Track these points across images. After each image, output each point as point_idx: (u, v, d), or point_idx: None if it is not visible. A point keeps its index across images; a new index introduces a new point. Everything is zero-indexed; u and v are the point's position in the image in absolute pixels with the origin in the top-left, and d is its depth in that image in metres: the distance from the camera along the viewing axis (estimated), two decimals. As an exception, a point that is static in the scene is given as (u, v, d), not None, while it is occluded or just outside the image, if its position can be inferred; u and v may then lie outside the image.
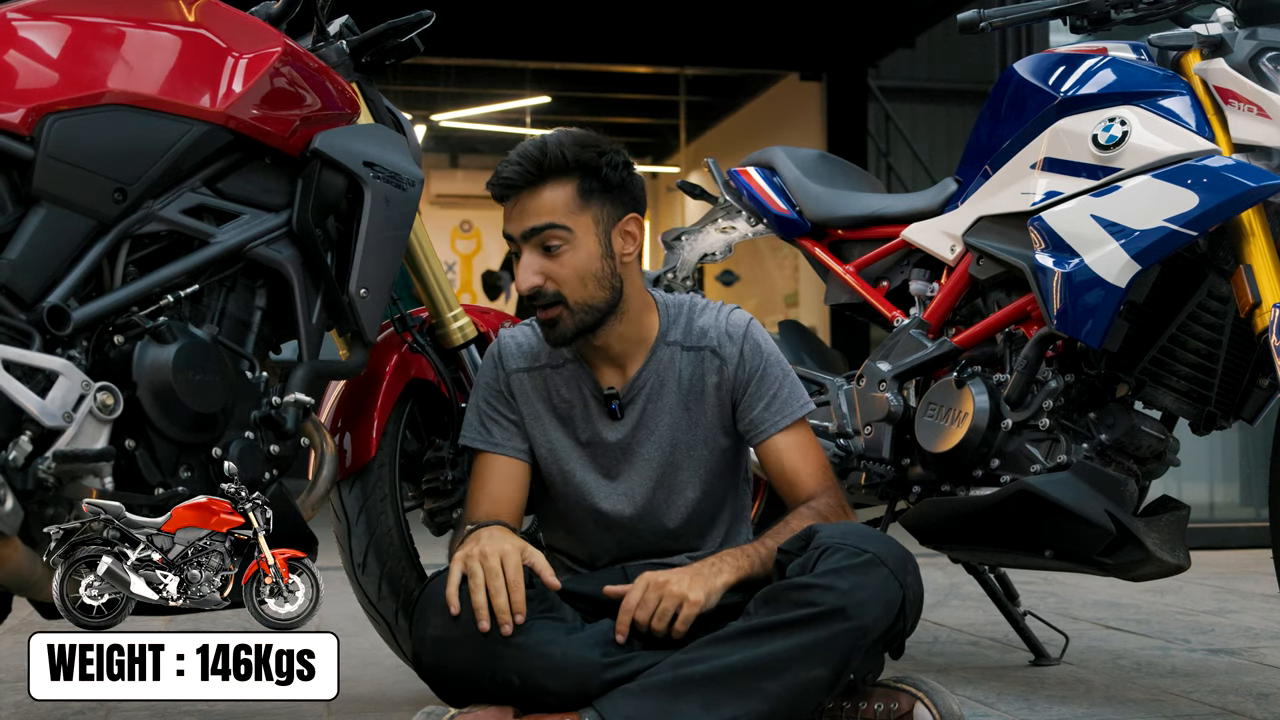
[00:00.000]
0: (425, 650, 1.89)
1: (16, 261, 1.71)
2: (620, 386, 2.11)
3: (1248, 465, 5.43)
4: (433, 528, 2.38)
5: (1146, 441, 2.31)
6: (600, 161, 2.03)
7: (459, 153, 13.95)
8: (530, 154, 2.02)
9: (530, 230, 2.02)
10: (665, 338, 2.12)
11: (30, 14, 1.82)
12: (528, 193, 2.02)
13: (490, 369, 2.17)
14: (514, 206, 2.04)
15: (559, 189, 2.02)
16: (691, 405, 2.11)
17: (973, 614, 3.39)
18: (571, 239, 2.02)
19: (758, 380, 2.10)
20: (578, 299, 2.03)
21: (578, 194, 2.03)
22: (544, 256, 2.02)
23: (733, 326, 2.12)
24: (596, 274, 2.04)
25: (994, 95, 2.56)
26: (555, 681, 1.83)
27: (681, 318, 2.14)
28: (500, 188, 2.04)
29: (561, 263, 2.02)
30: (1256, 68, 2.16)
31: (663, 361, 2.11)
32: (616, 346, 2.10)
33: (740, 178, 2.95)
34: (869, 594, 1.83)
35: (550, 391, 2.14)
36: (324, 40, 2.22)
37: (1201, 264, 2.27)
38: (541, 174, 2.02)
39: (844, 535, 1.89)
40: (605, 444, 2.12)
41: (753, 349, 2.11)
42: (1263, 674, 2.63)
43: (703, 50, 9.58)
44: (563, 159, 2.01)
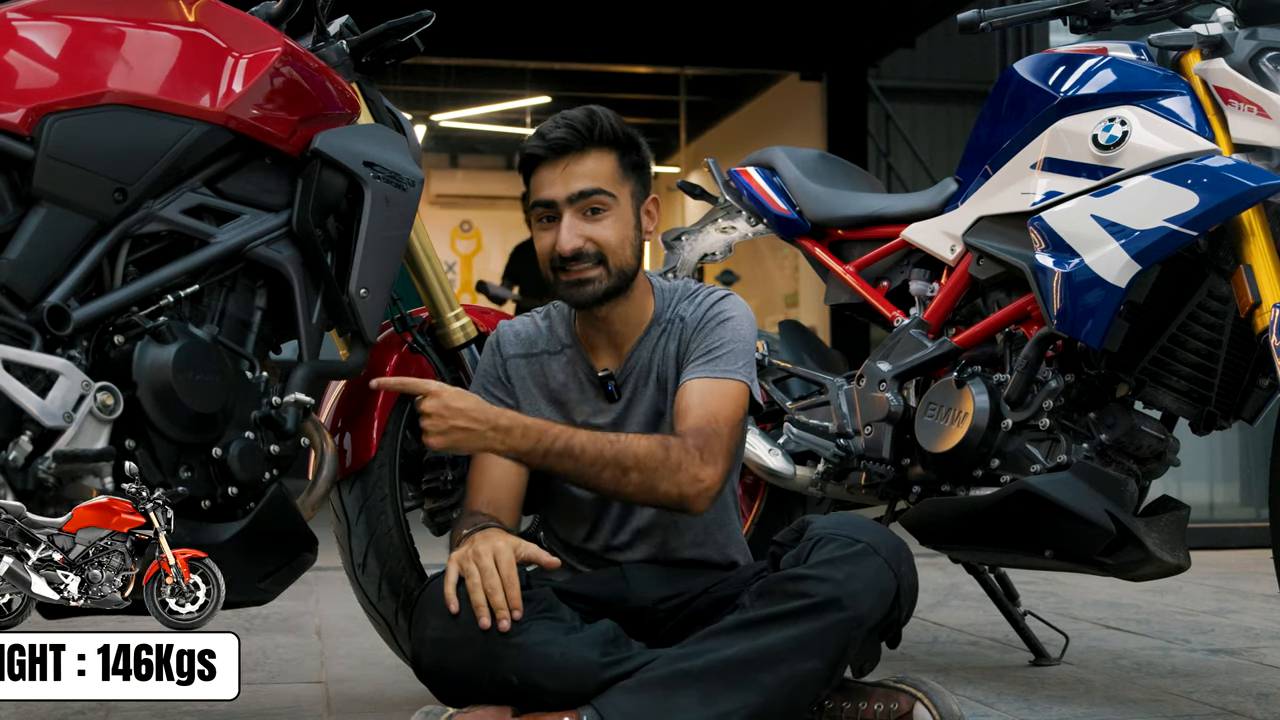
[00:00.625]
0: (424, 652, 1.89)
1: (16, 261, 1.72)
2: (615, 368, 2.13)
3: (1248, 465, 5.43)
4: (433, 528, 2.38)
5: (1146, 441, 2.31)
6: (639, 139, 2.10)
7: (459, 153, 13.95)
8: (581, 119, 2.06)
9: (579, 193, 2.05)
10: (658, 320, 2.15)
11: (30, 14, 1.82)
12: (575, 157, 2.05)
13: (488, 357, 2.20)
14: (557, 170, 2.05)
15: (604, 158, 2.07)
16: (670, 374, 2.12)
17: (973, 614, 3.39)
18: (614, 206, 2.06)
19: (703, 338, 2.09)
20: (616, 261, 2.06)
21: (619, 165, 2.08)
22: (586, 220, 2.05)
23: (709, 298, 2.14)
24: (632, 242, 2.09)
25: (994, 95, 2.56)
26: (554, 681, 1.83)
27: (674, 300, 2.16)
28: (548, 149, 2.06)
29: (604, 226, 2.05)
30: (1256, 68, 2.16)
31: (651, 342, 2.13)
32: (619, 326, 2.13)
33: (740, 178, 2.96)
34: (863, 584, 1.83)
35: (547, 377, 2.16)
36: (324, 40, 2.23)
37: (1201, 264, 2.27)
38: (590, 139, 2.06)
39: (838, 525, 1.89)
40: (599, 427, 2.12)
41: (711, 315, 2.11)
42: (1263, 674, 2.63)
43: (703, 50, 9.57)
44: (611, 130, 2.07)
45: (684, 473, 1.95)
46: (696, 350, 2.08)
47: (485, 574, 1.86)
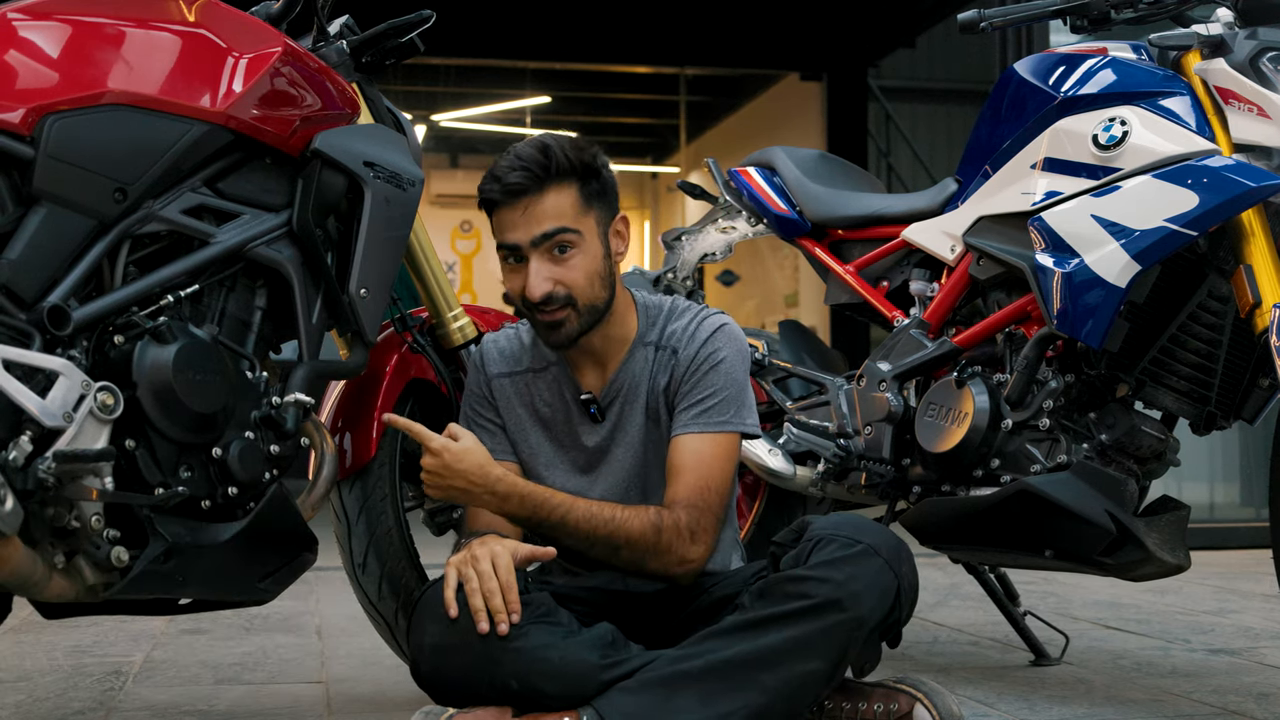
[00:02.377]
0: (423, 658, 1.89)
1: (17, 261, 1.71)
2: (598, 390, 2.11)
3: (1248, 465, 5.43)
4: (433, 528, 2.38)
5: (1147, 441, 2.31)
6: (596, 164, 2.03)
7: (459, 153, 13.95)
8: (533, 157, 1.99)
9: (543, 235, 2.00)
10: (643, 339, 2.12)
11: (30, 14, 1.82)
12: (533, 197, 2.00)
13: (474, 375, 2.18)
14: (517, 213, 2.00)
15: (563, 192, 2.01)
16: (660, 407, 2.09)
17: (973, 614, 3.39)
18: (581, 242, 2.02)
19: (695, 382, 2.05)
20: (586, 300, 2.02)
21: (580, 196, 2.02)
22: (553, 261, 2.01)
23: (701, 329, 2.09)
24: (601, 274, 2.04)
25: (994, 95, 2.56)
26: (553, 685, 1.83)
27: (660, 319, 2.12)
28: (504, 193, 2.00)
29: (571, 265, 2.01)
30: (1257, 68, 2.16)
31: (638, 363, 2.10)
32: (600, 346, 2.09)
33: (740, 178, 2.96)
34: (864, 584, 1.83)
35: (533, 396, 2.14)
36: (324, 40, 2.23)
37: (1202, 264, 2.27)
38: (547, 176, 2.00)
39: (838, 526, 1.89)
40: (584, 448, 2.12)
41: (706, 354, 2.06)
42: (1263, 674, 2.63)
43: (703, 50, 9.58)
44: (567, 161, 2.00)
45: (672, 555, 1.98)
46: (689, 397, 2.05)
47: (483, 578, 1.86)
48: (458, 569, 1.88)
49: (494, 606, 1.84)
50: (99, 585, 1.77)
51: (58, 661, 2.80)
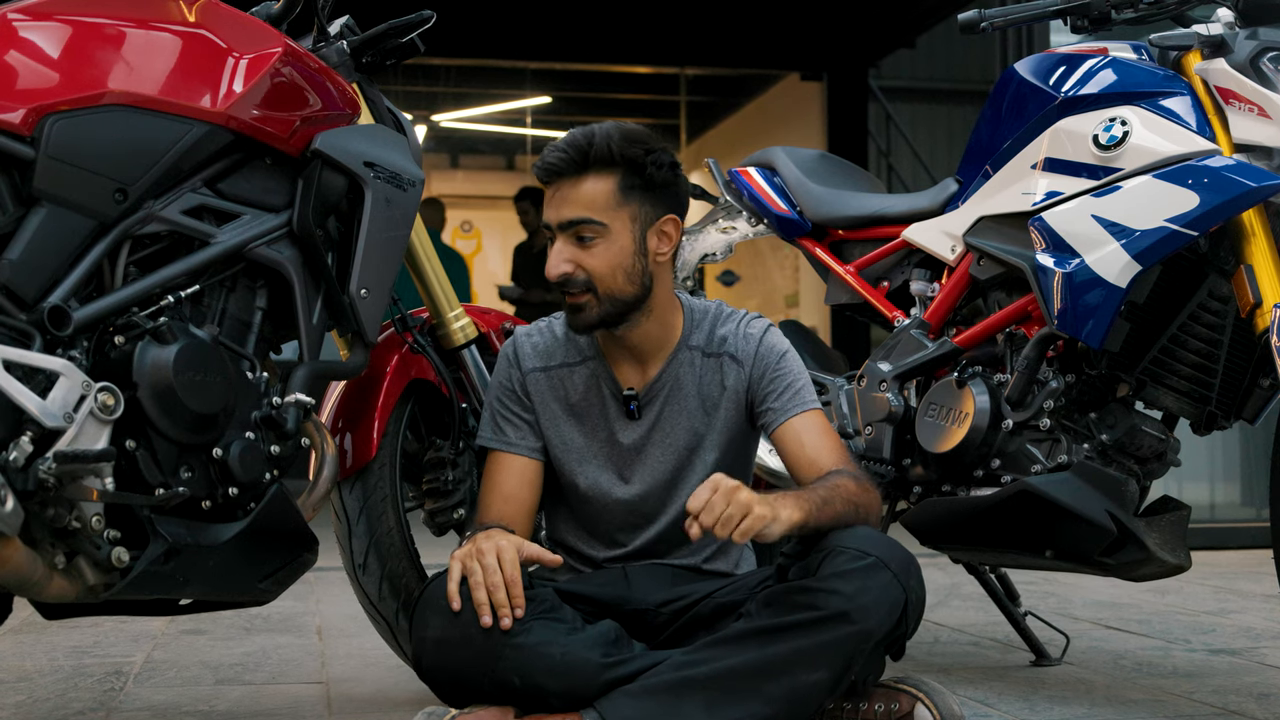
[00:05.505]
0: (425, 652, 1.89)
1: (17, 262, 1.71)
2: (640, 387, 2.11)
3: (1248, 465, 5.43)
4: (433, 528, 2.38)
5: (1147, 441, 2.31)
6: (645, 159, 2.03)
7: (459, 153, 13.94)
8: (577, 143, 2.02)
9: (566, 222, 2.03)
10: (687, 341, 2.13)
11: (30, 14, 1.82)
12: (569, 181, 2.03)
13: (505, 369, 2.17)
14: (555, 193, 2.04)
15: (600, 181, 2.02)
16: (709, 410, 2.11)
17: (973, 614, 3.38)
18: (605, 234, 2.03)
19: (773, 373, 2.10)
20: (606, 289, 2.03)
21: (618, 189, 2.03)
22: (576, 246, 2.03)
23: (750, 330, 2.13)
24: (627, 269, 2.04)
25: (994, 95, 2.56)
26: (555, 681, 1.83)
27: (705, 323, 2.14)
28: (544, 172, 2.05)
29: (593, 253, 2.03)
30: (1257, 68, 2.16)
31: (682, 365, 2.12)
32: (642, 345, 2.11)
33: (741, 178, 2.96)
34: (872, 598, 1.83)
35: (567, 390, 2.14)
36: (324, 40, 2.23)
37: (1202, 264, 2.27)
38: (585, 164, 2.02)
39: (847, 538, 1.88)
40: (619, 444, 2.12)
41: (768, 348, 2.12)
42: (1263, 674, 2.63)
43: (703, 50, 9.57)
44: (608, 152, 2.02)
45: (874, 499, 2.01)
46: (774, 386, 2.09)
47: (488, 572, 1.86)
48: (462, 562, 1.88)
49: (497, 600, 1.84)
50: (99, 586, 1.77)
51: (58, 662, 2.80)
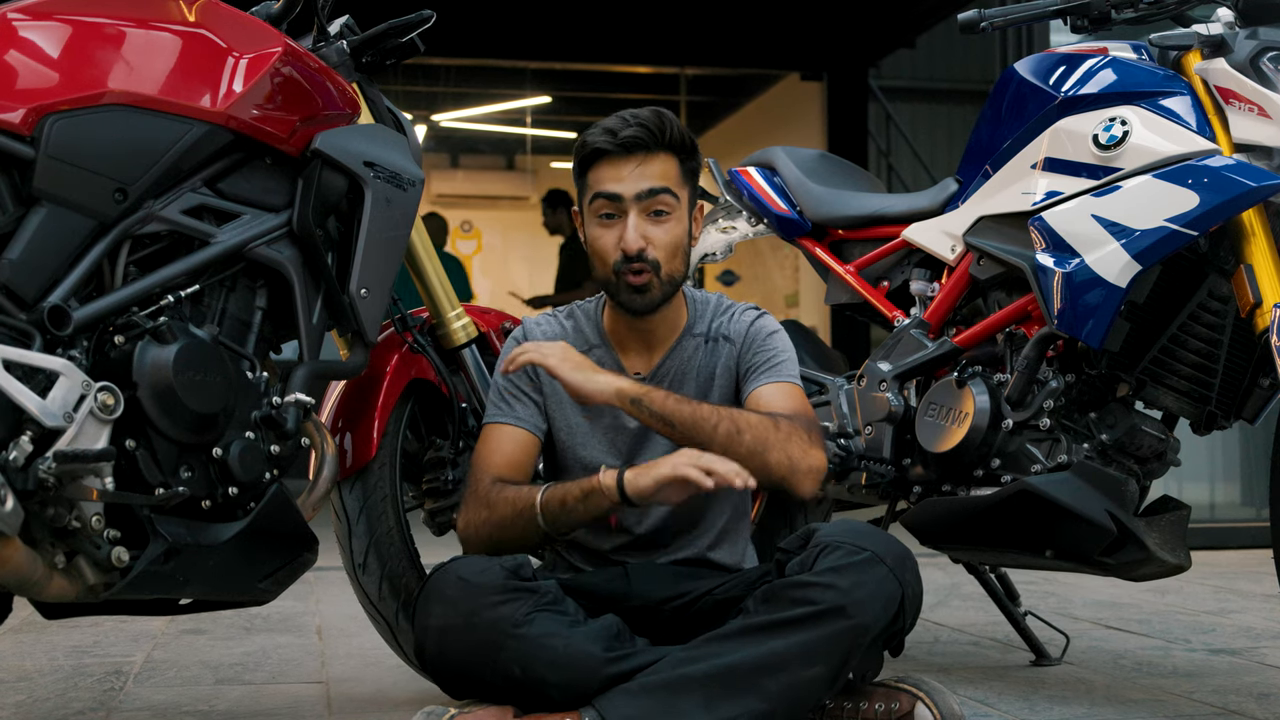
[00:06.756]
0: (428, 640, 1.90)
1: (17, 261, 1.71)
2: (645, 373, 2.14)
3: (1248, 465, 5.43)
4: (433, 528, 2.38)
5: (1147, 441, 2.31)
6: (696, 148, 2.12)
7: (459, 153, 13.94)
8: (651, 119, 2.07)
9: (649, 190, 2.05)
10: (691, 329, 2.17)
11: (30, 14, 1.82)
12: (645, 155, 2.06)
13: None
14: (627, 167, 2.06)
15: (669, 161, 2.09)
16: (708, 394, 2.13)
17: (973, 614, 3.38)
18: (676, 211, 2.08)
19: (758, 347, 2.14)
20: (668, 270, 2.08)
21: (681, 171, 2.10)
22: (650, 222, 2.07)
23: (745, 316, 2.18)
24: (684, 250, 2.11)
25: (994, 95, 2.56)
26: (556, 674, 1.83)
27: (707, 312, 2.19)
28: (618, 146, 2.05)
29: (664, 230, 2.07)
30: (1257, 67, 2.16)
31: (686, 351, 2.15)
32: (657, 330, 2.15)
33: (741, 178, 2.96)
34: (868, 592, 1.83)
35: None
36: (324, 40, 2.23)
37: (1202, 264, 2.27)
38: (661, 141, 2.07)
39: (843, 533, 1.89)
40: (624, 429, 2.13)
41: (758, 329, 2.16)
42: (1263, 674, 2.63)
43: (703, 50, 9.57)
44: (680, 135, 2.08)
45: (794, 446, 1.97)
46: (756, 361, 2.12)
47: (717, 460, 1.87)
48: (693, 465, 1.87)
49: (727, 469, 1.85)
50: (99, 585, 1.77)
51: (58, 661, 2.80)
